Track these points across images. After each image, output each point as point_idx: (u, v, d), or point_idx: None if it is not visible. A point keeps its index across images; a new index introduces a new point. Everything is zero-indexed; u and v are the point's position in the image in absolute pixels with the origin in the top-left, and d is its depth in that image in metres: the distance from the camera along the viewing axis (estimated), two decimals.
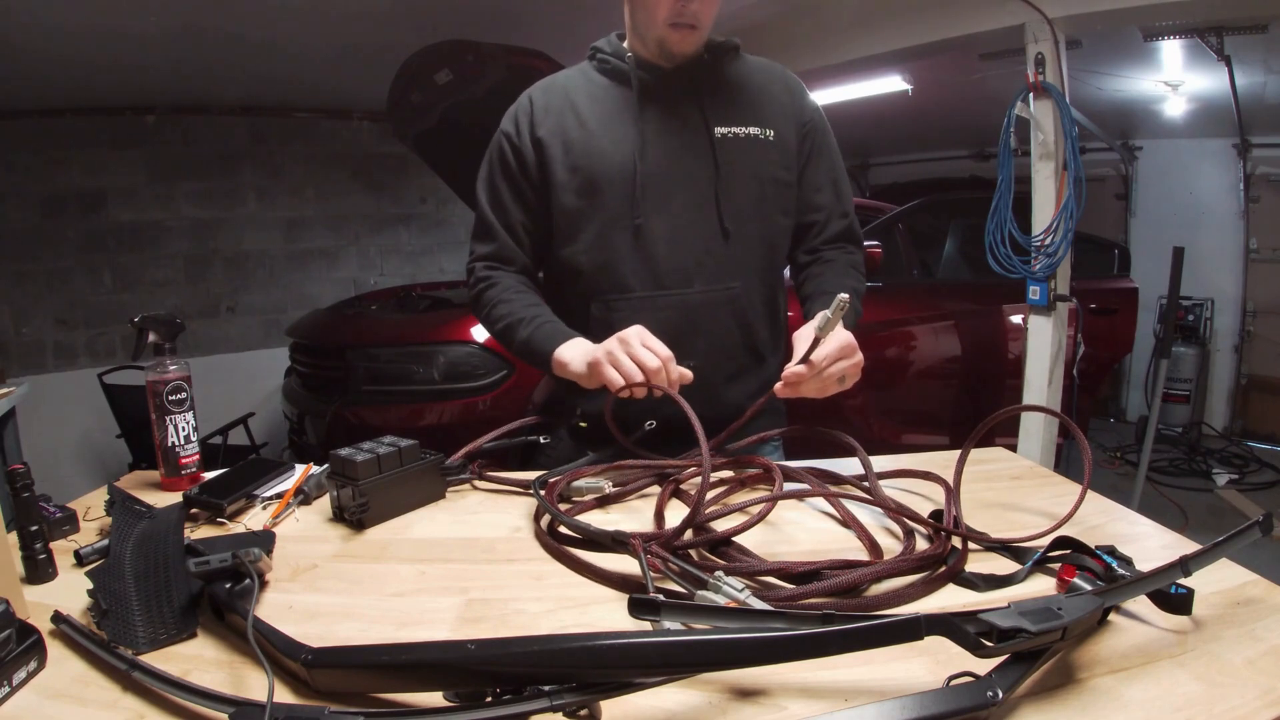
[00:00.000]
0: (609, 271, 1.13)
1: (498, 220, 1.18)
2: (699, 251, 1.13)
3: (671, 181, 1.13)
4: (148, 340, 1.04)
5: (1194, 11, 2.69)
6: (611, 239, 1.12)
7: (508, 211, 1.17)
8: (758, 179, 1.15)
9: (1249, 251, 4.57)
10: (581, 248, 1.14)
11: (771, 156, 1.15)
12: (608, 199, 1.12)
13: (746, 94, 1.17)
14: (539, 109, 1.16)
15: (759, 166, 1.15)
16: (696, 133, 1.13)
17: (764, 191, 1.16)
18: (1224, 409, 4.75)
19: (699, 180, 1.13)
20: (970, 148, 5.45)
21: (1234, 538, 0.60)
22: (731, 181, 1.13)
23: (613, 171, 1.11)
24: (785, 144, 1.16)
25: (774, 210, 1.17)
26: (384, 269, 4.74)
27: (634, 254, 1.12)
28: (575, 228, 1.14)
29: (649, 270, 1.12)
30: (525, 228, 1.18)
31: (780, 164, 1.16)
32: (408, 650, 0.55)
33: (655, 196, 1.12)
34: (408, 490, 0.95)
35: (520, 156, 1.16)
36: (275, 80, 3.74)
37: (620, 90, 1.15)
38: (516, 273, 1.20)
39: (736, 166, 1.13)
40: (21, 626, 0.59)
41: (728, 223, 1.13)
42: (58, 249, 3.79)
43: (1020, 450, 2.65)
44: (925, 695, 0.49)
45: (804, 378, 0.94)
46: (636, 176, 1.10)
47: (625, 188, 1.11)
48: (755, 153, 1.14)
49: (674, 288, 1.13)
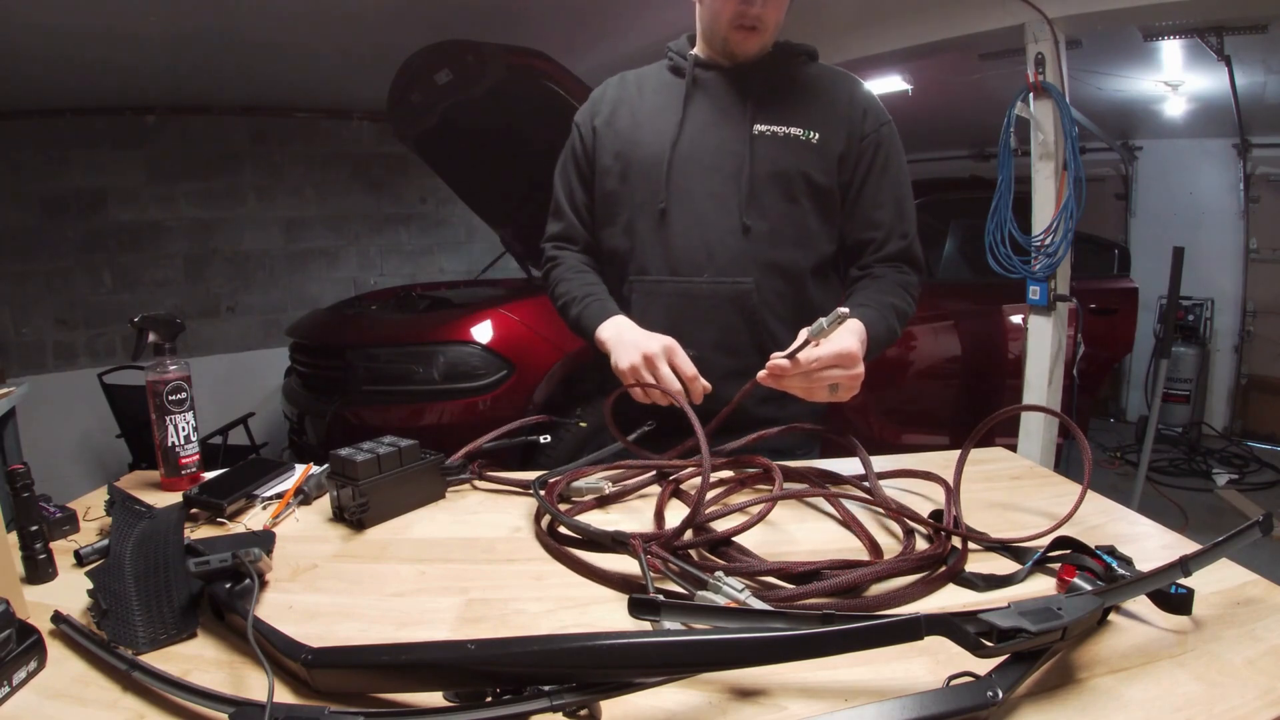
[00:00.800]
0: (635, 254, 1.20)
1: (566, 202, 1.28)
2: (713, 242, 1.14)
3: (699, 171, 1.15)
4: (148, 340, 1.04)
5: (1194, 11, 2.69)
6: (639, 223, 1.18)
7: (574, 193, 1.27)
8: (789, 178, 1.14)
9: (1249, 251, 4.57)
10: (616, 230, 1.22)
11: (809, 158, 1.14)
12: (639, 184, 1.17)
13: (800, 96, 1.17)
14: (604, 100, 1.25)
15: (793, 166, 1.14)
16: (736, 128, 1.14)
17: (795, 192, 1.14)
18: (1224, 409, 4.75)
19: (726, 173, 1.14)
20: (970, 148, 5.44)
21: (1234, 538, 0.61)
22: (760, 178, 1.13)
23: (647, 158, 1.17)
24: (829, 149, 1.15)
25: (806, 213, 1.16)
26: (384, 269, 4.74)
27: (656, 239, 1.17)
28: (612, 211, 1.22)
29: (666, 256, 1.16)
30: (588, 209, 1.27)
31: (819, 168, 1.15)
32: (408, 650, 0.55)
33: (681, 184, 1.15)
34: (408, 490, 0.95)
35: (583, 143, 1.25)
36: (275, 80, 3.74)
37: (678, 85, 1.20)
38: (580, 251, 1.29)
39: (769, 164, 1.13)
40: (21, 626, 0.59)
41: (748, 218, 1.13)
42: (58, 249, 3.78)
43: (1020, 450, 2.65)
44: (925, 695, 0.49)
45: (787, 372, 0.95)
46: (665, 163, 1.15)
47: (655, 174, 1.16)
48: (791, 152, 1.14)
49: (684, 275, 1.15)
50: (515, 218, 3.36)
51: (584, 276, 1.24)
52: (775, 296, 1.16)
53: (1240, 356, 4.69)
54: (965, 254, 3.29)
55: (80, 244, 3.83)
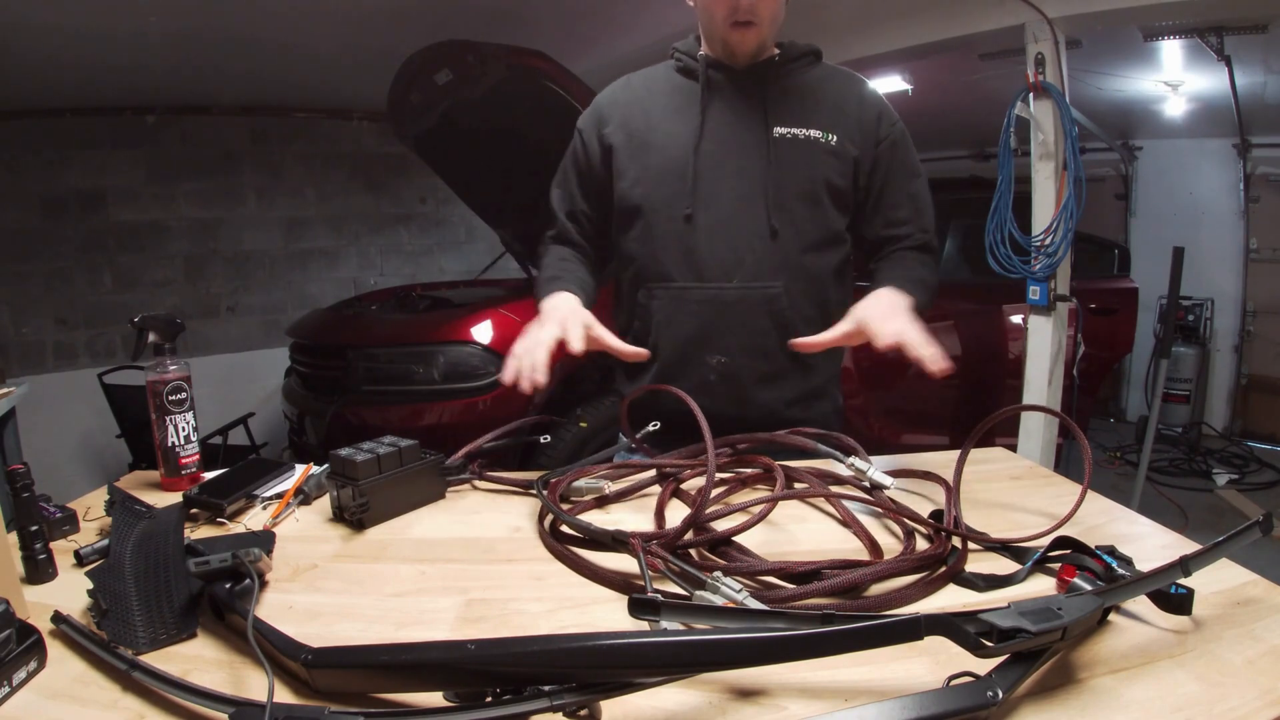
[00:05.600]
0: (655, 260, 1.18)
1: (561, 207, 1.27)
2: (741, 248, 1.14)
3: (723, 175, 1.14)
4: (148, 340, 1.04)
5: (1194, 11, 2.69)
6: (661, 229, 1.16)
7: (572, 198, 1.26)
8: (811, 180, 1.14)
9: (1249, 251, 4.57)
10: (635, 235, 1.20)
11: (829, 161, 1.14)
12: (661, 190, 1.16)
13: (814, 98, 1.17)
14: (612, 104, 1.23)
15: (814, 168, 1.14)
16: (755, 131, 1.14)
17: (818, 194, 1.14)
18: (1224, 409, 4.74)
19: (750, 177, 1.13)
20: (970, 148, 5.44)
21: (1234, 538, 0.61)
22: (783, 181, 1.13)
23: (668, 163, 1.15)
24: (845, 152, 1.15)
25: (828, 215, 1.16)
26: (384, 269, 4.74)
27: (679, 245, 1.15)
28: (631, 216, 1.20)
29: (691, 262, 1.15)
30: (585, 215, 1.26)
31: (838, 170, 1.15)
32: (408, 650, 0.55)
33: (706, 190, 1.14)
34: (408, 490, 0.95)
35: (587, 149, 1.23)
36: (275, 80, 3.74)
37: (690, 87, 1.19)
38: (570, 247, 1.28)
39: (790, 166, 1.13)
40: (21, 626, 0.59)
41: (775, 221, 1.13)
42: (58, 249, 3.78)
43: (1020, 450, 2.65)
44: (925, 695, 0.49)
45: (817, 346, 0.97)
46: (689, 169, 1.13)
47: (678, 179, 1.14)
48: (811, 154, 1.14)
49: (712, 281, 1.14)
50: (515, 218, 3.35)
51: (563, 263, 1.22)
52: (802, 299, 1.16)
53: (1240, 356, 4.69)
54: (965, 254, 3.29)
55: (80, 244, 3.83)
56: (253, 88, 3.88)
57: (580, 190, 1.25)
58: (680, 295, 1.16)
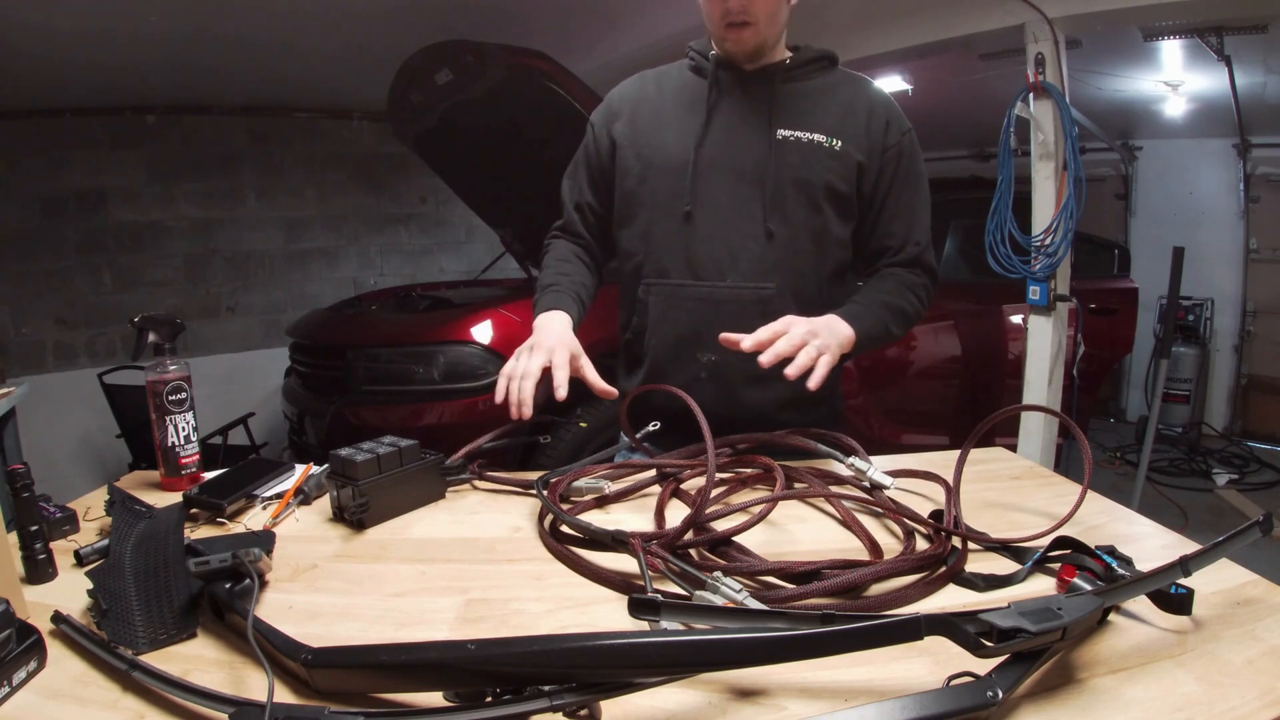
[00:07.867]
0: (653, 257, 1.19)
1: (570, 198, 1.29)
2: (737, 247, 1.14)
3: (722, 174, 1.14)
4: (148, 340, 1.04)
5: (1194, 11, 2.69)
6: (660, 225, 1.18)
7: (581, 191, 1.28)
8: (812, 185, 1.14)
9: (1249, 251, 4.57)
10: (634, 231, 1.21)
11: (832, 166, 1.14)
12: (661, 186, 1.17)
13: (821, 102, 1.16)
14: (623, 99, 1.24)
15: (816, 173, 1.13)
16: (759, 132, 1.14)
17: (818, 198, 1.14)
18: (1224, 409, 4.74)
19: (749, 177, 1.13)
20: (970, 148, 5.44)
21: (1234, 538, 0.61)
22: (783, 183, 1.13)
23: (669, 160, 1.16)
24: (850, 157, 1.14)
25: (827, 219, 1.16)
26: (384, 269, 4.74)
27: (677, 242, 1.16)
28: (631, 212, 1.21)
29: (687, 259, 1.16)
30: (591, 208, 1.28)
31: (841, 175, 1.14)
32: (408, 650, 0.55)
33: (705, 188, 1.15)
34: (407, 490, 0.95)
35: (597, 143, 1.24)
36: (275, 80, 3.74)
37: (700, 86, 1.19)
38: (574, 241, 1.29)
39: (791, 169, 1.13)
40: (21, 626, 0.59)
41: (772, 223, 1.13)
42: (58, 249, 3.78)
43: (1020, 450, 2.65)
44: (925, 695, 0.49)
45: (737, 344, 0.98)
46: (689, 166, 1.14)
47: (678, 176, 1.15)
48: (814, 158, 1.13)
49: (707, 280, 1.15)
50: (515, 218, 3.35)
51: (562, 265, 1.23)
52: (795, 301, 1.15)
53: (1240, 356, 4.69)
54: (965, 254, 3.29)
55: (80, 244, 3.83)
56: (253, 88, 3.88)
57: (589, 183, 1.26)
58: (675, 292, 1.17)
